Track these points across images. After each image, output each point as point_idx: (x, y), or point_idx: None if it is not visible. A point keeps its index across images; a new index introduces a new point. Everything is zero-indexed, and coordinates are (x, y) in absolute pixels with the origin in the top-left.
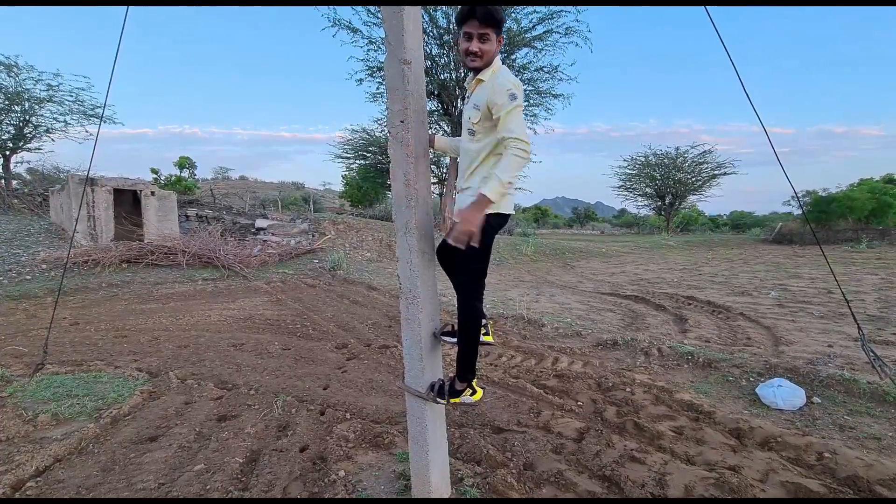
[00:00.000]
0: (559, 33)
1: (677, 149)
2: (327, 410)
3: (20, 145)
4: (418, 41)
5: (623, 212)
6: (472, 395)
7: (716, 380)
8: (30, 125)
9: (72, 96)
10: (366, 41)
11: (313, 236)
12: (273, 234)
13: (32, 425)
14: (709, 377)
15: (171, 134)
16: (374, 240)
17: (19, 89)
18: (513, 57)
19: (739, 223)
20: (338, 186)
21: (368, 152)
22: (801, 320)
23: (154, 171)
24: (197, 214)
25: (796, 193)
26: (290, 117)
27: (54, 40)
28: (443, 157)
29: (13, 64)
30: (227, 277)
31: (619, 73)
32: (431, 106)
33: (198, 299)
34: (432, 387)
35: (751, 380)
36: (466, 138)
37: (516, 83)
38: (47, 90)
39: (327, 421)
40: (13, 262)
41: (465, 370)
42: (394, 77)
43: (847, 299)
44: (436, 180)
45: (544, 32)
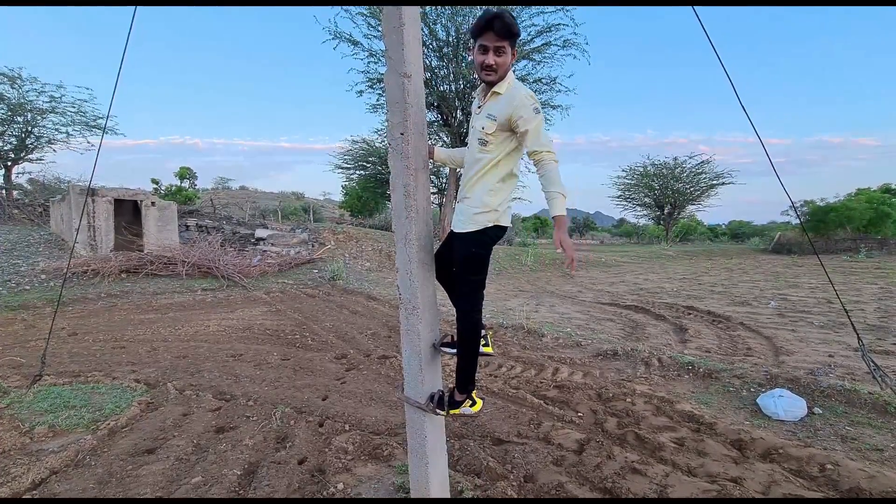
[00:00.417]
0: (557, 45)
1: (675, 159)
2: (326, 422)
3: (22, 156)
4: (418, 54)
5: (622, 221)
6: (471, 406)
7: (716, 390)
8: (32, 136)
9: (74, 108)
10: (366, 53)
11: (313, 246)
12: (273, 244)
13: (29, 437)
14: (709, 388)
15: (172, 144)
16: (374, 250)
17: (22, 100)
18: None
19: (738, 233)
20: (338, 196)
21: (368, 163)
22: (802, 330)
23: (155, 182)
24: (197, 224)
25: (793, 203)
26: (291, 128)
27: (58, 50)
28: (442, 168)
29: (16, 76)
30: (226, 287)
31: (618, 76)
32: (431, 117)
33: (197, 309)
34: (432, 398)
35: (752, 390)
36: (476, 148)
37: (534, 96)
38: (50, 101)
39: (326, 432)
40: (13, 273)
41: (465, 381)
42: (394, 90)
43: (847, 309)
44: (435, 191)
45: (542, 45)
